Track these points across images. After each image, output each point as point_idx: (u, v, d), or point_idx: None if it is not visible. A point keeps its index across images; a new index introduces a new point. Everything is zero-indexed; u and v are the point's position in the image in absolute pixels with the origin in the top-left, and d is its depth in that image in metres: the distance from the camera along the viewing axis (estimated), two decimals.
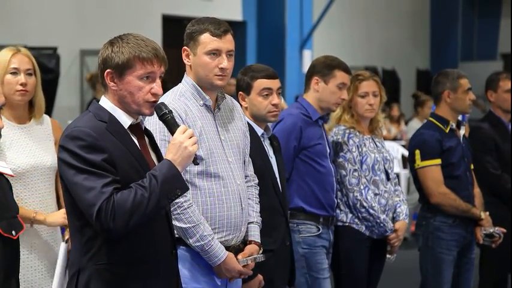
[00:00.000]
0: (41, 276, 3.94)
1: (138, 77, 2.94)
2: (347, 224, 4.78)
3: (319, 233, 4.61)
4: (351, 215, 4.77)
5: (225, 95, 3.83)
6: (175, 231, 3.23)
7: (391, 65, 16.77)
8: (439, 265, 5.10)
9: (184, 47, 3.72)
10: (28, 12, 10.03)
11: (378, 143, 4.92)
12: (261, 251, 3.81)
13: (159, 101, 3.01)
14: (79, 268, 2.93)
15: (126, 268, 2.93)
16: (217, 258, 3.58)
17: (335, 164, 4.74)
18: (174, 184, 2.88)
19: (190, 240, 3.55)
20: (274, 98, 4.19)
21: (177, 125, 2.98)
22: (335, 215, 4.72)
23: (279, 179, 4.22)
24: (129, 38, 2.96)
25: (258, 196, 3.92)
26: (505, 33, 18.18)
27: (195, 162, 2.96)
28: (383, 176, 4.85)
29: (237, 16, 13.23)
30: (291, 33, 13.21)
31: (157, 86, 2.96)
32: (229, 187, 3.66)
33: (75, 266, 2.95)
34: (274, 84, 4.21)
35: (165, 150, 3.15)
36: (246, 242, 3.78)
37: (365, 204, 4.73)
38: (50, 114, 8.81)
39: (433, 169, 5.10)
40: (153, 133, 3.20)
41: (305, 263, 4.55)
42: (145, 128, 3.11)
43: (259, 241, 3.82)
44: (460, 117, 5.35)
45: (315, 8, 13.56)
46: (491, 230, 5.17)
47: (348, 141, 4.79)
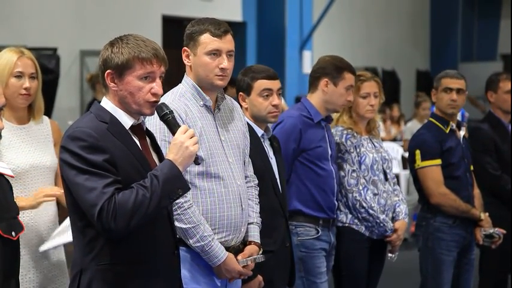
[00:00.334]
0: (41, 276, 3.94)
1: (138, 77, 2.94)
2: (347, 225, 4.77)
3: (318, 235, 4.59)
4: (350, 216, 4.77)
5: (225, 96, 3.83)
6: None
7: (391, 65, 16.78)
8: (439, 266, 5.10)
9: (184, 48, 3.72)
10: (28, 13, 10.04)
11: (375, 143, 4.91)
12: (260, 252, 3.81)
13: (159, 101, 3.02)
14: (81, 268, 2.94)
15: (128, 268, 2.93)
16: (217, 259, 3.58)
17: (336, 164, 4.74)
18: (176, 184, 2.88)
19: (191, 240, 3.55)
20: (275, 99, 4.19)
21: (178, 125, 2.98)
22: (335, 217, 4.71)
23: (279, 180, 4.22)
24: (129, 38, 2.97)
25: (257, 197, 3.92)
26: (504, 34, 18.19)
27: (197, 162, 2.96)
28: (381, 176, 4.85)
29: (237, 17, 13.23)
30: (290, 34, 13.21)
31: (157, 86, 2.96)
32: (230, 187, 3.66)
33: (78, 266, 2.96)
34: (275, 85, 4.21)
35: (165, 150, 3.17)
36: (245, 242, 3.78)
37: (364, 204, 4.73)
38: (49, 115, 8.81)
39: (433, 169, 5.10)
40: (154, 133, 3.20)
41: (302, 266, 4.53)
42: (146, 129, 3.11)
43: (259, 242, 3.82)
44: (459, 118, 5.35)
45: (314, 9, 13.56)
46: (490, 231, 5.17)
47: (346, 142, 4.79)
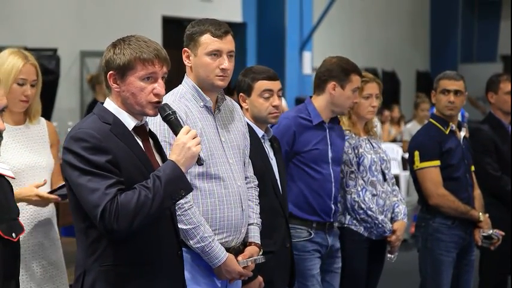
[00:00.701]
0: (38, 276, 3.94)
1: (140, 77, 2.95)
2: (345, 225, 4.77)
3: (311, 237, 4.56)
4: (349, 217, 4.76)
5: (225, 97, 3.84)
6: None
7: (391, 66, 16.78)
8: (439, 267, 5.10)
9: (185, 48, 3.72)
10: (28, 13, 10.03)
11: (374, 144, 4.91)
12: (261, 253, 3.81)
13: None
14: (84, 269, 2.95)
15: (132, 269, 2.93)
16: (217, 260, 3.58)
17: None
18: (178, 185, 2.88)
19: (191, 241, 3.55)
20: (275, 100, 4.19)
21: (181, 125, 2.99)
22: (333, 221, 4.66)
23: (279, 181, 4.22)
24: (131, 39, 2.98)
25: (257, 197, 3.92)
26: (504, 35, 18.21)
27: (199, 162, 2.96)
28: (380, 177, 4.84)
29: (237, 17, 13.23)
30: (290, 34, 13.21)
31: (159, 86, 2.96)
32: (230, 188, 3.66)
33: (81, 267, 2.96)
34: (275, 85, 4.21)
35: (165, 151, 3.17)
36: (246, 243, 3.78)
37: (363, 205, 4.72)
38: (49, 116, 8.78)
39: (432, 170, 5.10)
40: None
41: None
42: (149, 130, 3.12)
43: (259, 242, 3.82)
44: (459, 118, 5.36)
45: (314, 10, 13.57)
46: (489, 232, 5.16)
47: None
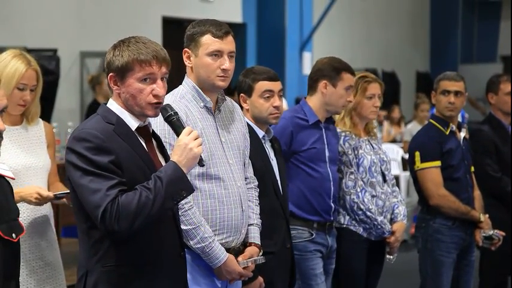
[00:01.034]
0: (35, 276, 3.93)
1: (138, 79, 2.95)
2: (344, 226, 4.77)
3: (312, 238, 4.58)
4: (348, 217, 4.76)
5: (225, 97, 3.84)
6: None
7: (391, 67, 16.78)
8: (439, 267, 5.10)
9: (185, 49, 3.72)
10: (28, 14, 10.03)
11: (374, 145, 4.91)
12: (261, 253, 3.81)
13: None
14: (86, 270, 2.95)
15: (134, 270, 2.93)
16: (217, 260, 3.58)
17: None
18: (179, 185, 2.88)
19: (191, 242, 3.55)
20: (276, 100, 4.19)
21: (183, 126, 2.99)
22: (333, 220, 4.68)
23: (279, 181, 4.22)
24: (130, 41, 2.98)
25: (257, 198, 3.92)
26: (504, 36, 18.20)
27: (201, 163, 2.96)
28: (380, 178, 4.84)
29: (237, 18, 13.23)
30: (290, 35, 13.22)
31: (158, 87, 2.96)
32: (230, 189, 3.66)
33: (83, 268, 2.97)
34: (276, 86, 4.21)
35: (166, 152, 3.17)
36: (246, 244, 3.78)
37: (362, 206, 4.72)
38: (50, 116, 8.78)
39: (432, 171, 5.09)
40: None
41: (297, 269, 4.47)
42: (153, 131, 3.12)
43: (259, 243, 3.82)
44: (459, 119, 5.35)
45: (314, 10, 13.57)
46: (490, 233, 5.16)
47: (344, 144, 4.78)
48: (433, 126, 5.22)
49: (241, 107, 4.16)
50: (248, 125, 4.04)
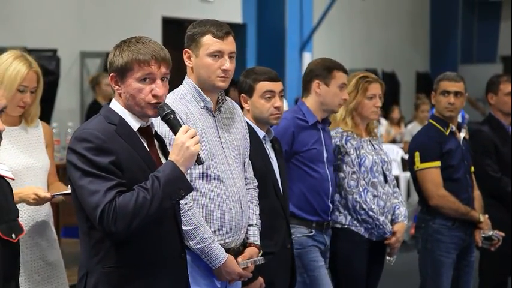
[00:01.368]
0: (36, 277, 3.94)
1: (137, 79, 2.95)
2: (346, 226, 4.77)
3: (312, 234, 4.59)
4: (349, 217, 4.76)
5: (226, 97, 3.84)
6: None
7: (391, 67, 16.78)
8: (439, 268, 5.10)
9: (186, 49, 3.72)
10: (28, 14, 10.03)
11: (375, 145, 4.91)
12: (260, 254, 3.81)
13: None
14: (87, 271, 2.95)
15: (134, 271, 2.93)
16: (217, 261, 3.58)
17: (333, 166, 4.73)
18: (178, 185, 2.87)
19: (191, 242, 3.55)
20: (277, 101, 4.19)
21: (180, 125, 2.97)
22: (330, 220, 4.69)
23: (280, 182, 4.22)
24: (131, 41, 2.98)
25: (257, 198, 3.92)
26: (504, 36, 18.20)
27: (199, 162, 2.94)
28: (381, 178, 4.84)
29: (237, 18, 13.23)
30: (291, 35, 13.22)
31: (157, 87, 2.96)
32: (229, 189, 3.66)
33: (84, 268, 2.96)
34: (277, 86, 4.21)
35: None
36: (245, 244, 3.78)
37: (364, 206, 4.72)
38: (49, 117, 8.77)
39: (432, 171, 5.09)
40: None
41: (300, 263, 4.51)
42: (155, 132, 3.11)
43: (259, 243, 3.82)
44: (459, 119, 5.35)
45: (314, 10, 13.57)
46: (490, 233, 5.16)
47: (346, 144, 4.78)
48: (433, 126, 5.22)
49: (242, 107, 4.16)
50: (249, 125, 4.04)
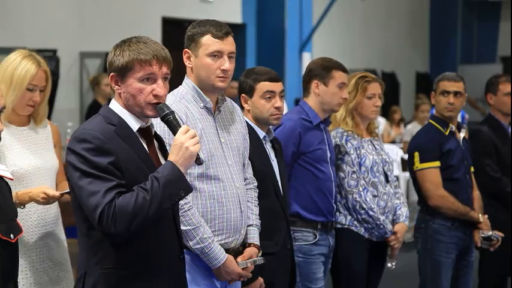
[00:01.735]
0: (45, 277, 3.93)
1: (138, 79, 2.94)
2: (346, 226, 4.77)
3: (316, 240, 4.59)
4: (350, 217, 4.76)
5: (225, 98, 3.83)
6: None
7: (391, 67, 16.78)
8: (438, 268, 5.10)
9: (185, 49, 3.72)
10: (28, 14, 10.03)
11: (376, 145, 4.91)
12: (260, 254, 3.81)
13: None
14: (85, 271, 2.94)
15: (133, 272, 2.92)
16: (217, 261, 3.58)
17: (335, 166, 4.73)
18: (177, 185, 2.86)
19: (190, 242, 3.55)
20: (277, 101, 4.19)
21: (179, 125, 2.96)
22: (334, 220, 4.70)
23: (280, 182, 4.22)
24: (131, 40, 2.98)
25: (257, 199, 3.92)
26: (504, 37, 18.20)
27: (198, 162, 2.93)
28: (382, 178, 4.84)
29: (236, 18, 13.23)
30: (290, 35, 13.22)
31: (159, 87, 2.95)
32: (228, 190, 3.66)
33: (82, 269, 2.96)
34: (277, 87, 4.21)
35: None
36: (245, 244, 3.78)
37: (364, 206, 4.72)
38: (49, 117, 8.78)
39: (431, 171, 5.09)
40: None
41: (299, 271, 4.52)
42: (155, 132, 3.11)
43: (259, 244, 3.82)
44: (459, 120, 5.35)
45: (314, 11, 13.57)
46: (489, 234, 5.16)
47: (346, 143, 4.78)
48: (432, 126, 5.22)
49: (242, 107, 4.16)
50: (249, 125, 4.04)
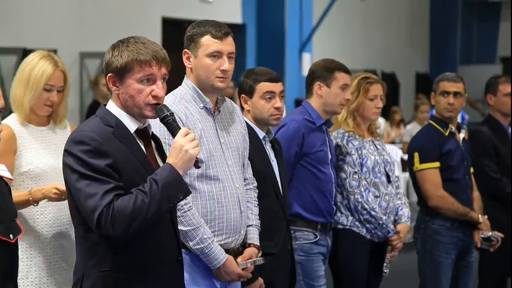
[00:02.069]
0: (60, 278, 3.92)
1: (138, 80, 2.93)
2: (347, 227, 4.77)
3: (317, 239, 4.60)
4: (351, 218, 4.76)
5: (225, 98, 3.83)
6: None
7: (391, 68, 16.79)
8: (438, 268, 5.10)
9: (185, 50, 3.72)
10: (27, 14, 10.03)
11: (378, 146, 4.91)
12: (260, 254, 3.80)
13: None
14: (83, 274, 2.93)
15: (130, 275, 2.91)
16: (217, 261, 3.58)
17: (335, 168, 4.74)
18: (176, 188, 2.85)
19: (190, 243, 3.54)
20: (277, 102, 4.19)
21: (179, 127, 2.95)
22: (333, 221, 4.71)
23: (280, 183, 4.22)
24: (129, 41, 2.95)
25: (256, 199, 3.92)
26: (504, 37, 18.21)
27: (197, 165, 2.93)
28: (384, 179, 4.84)
29: (236, 19, 13.24)
30: (290, 36, 13.22)
31: (158, 88, 2.94)
32: (228, 190, 3.66)
33: (79, 272, 2.95)
34: (277, 87, 4.21)
35: (166, 153, 3.16)
36: (245, 245, 3.78)
37: (366, 206, 4.72)
38: None
39: (431, 172, 5.09)
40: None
41: (301, 269, 4.53)
42: (152, 133, 3.10)
43: (259, 244, 3.82)
44: (459, 120, 5.35)
45: (314, 11, 13.58)
46: (489, 234, 5.16)
47: (347, 144, 4.78)
48: (432, 127, 5.22)
49: (242, 108, 4.16)
50: (248, 126, 4.04)
